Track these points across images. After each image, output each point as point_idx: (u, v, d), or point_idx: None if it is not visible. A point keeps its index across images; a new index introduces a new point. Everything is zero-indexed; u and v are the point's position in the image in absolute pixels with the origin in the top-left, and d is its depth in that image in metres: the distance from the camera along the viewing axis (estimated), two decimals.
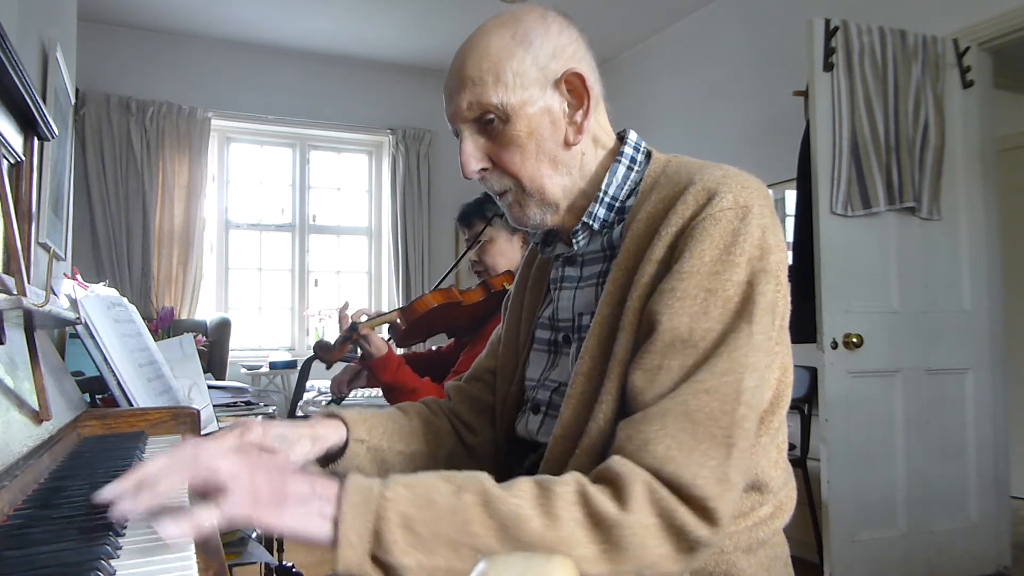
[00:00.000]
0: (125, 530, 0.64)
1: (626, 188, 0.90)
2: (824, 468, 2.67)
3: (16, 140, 1.21)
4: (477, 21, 0.91)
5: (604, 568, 0.65)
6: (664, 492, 0.68)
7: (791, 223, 3.02)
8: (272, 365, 4.68)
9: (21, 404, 0.82)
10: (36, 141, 1.30)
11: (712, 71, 4.25)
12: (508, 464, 1.01)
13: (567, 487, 0.68)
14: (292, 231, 5.36)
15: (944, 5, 2.98)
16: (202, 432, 1.17)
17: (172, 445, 0.62)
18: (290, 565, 1.82)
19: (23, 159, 1.24)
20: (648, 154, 0.93)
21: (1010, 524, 2.96)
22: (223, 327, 4.25)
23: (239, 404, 1.94)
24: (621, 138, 0.94)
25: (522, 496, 0.67)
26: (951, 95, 2.89)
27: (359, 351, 1.92)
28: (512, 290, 1.13)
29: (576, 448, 0.81)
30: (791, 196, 3.32)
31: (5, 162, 1.15)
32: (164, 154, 4.67)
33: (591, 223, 0.90)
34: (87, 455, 0.95)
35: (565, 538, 0.65)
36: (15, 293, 0.87)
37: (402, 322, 2.00)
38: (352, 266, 5.57)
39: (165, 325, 3.90)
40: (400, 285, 5.33)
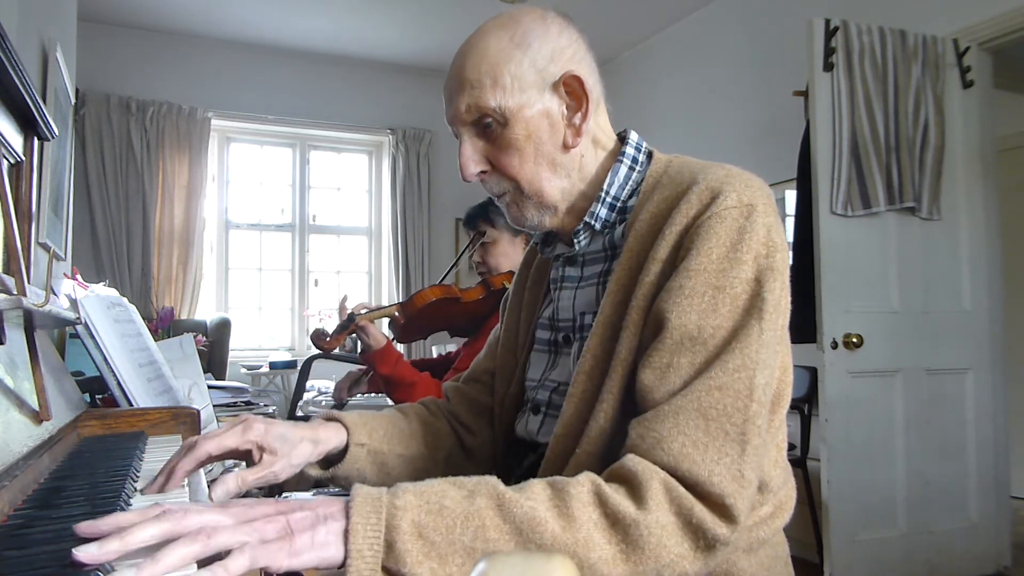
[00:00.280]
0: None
1: (628, 188, 0.90)
2: (824, 468, 2.67)
3: (16, 140, 1.21)
4: (477, 21, 0.91)
5: (622, 569, 0.64)
6: (681, 490, 0.67)
7: (791, 223, 3.02)
8: (272, 365, 4.69)
9: (21, 404, 0.82)
10: (36, 141, 1.30)
11: (712, 71, 4.25)
12: (507, 465, 1.01)
13: (582, 487, 0.67)
14: (292, 231, 5.36)
15: (944, 5, 2.98)
16: (202, 431, 1.16)
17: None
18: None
19: (23, 159, 1.24)
20: (650, 154, 0.93)
21: (1010, 524, 2.96)
22: (223, 327, 4.26)
23: (239, 404, 1.95)
24: (622, 138, 0.94)
25: (536, 498, 0.65)
26: (951, 95, 2.89)
27: (359, 347, 1.94)
28: (511, 290, 1.13)
29: (577, 447, 0.81)
30: (791, 196, 3.32)
31: (5, 162, 1.15)
32: (164, 154, 4.67)
33: (593, 223, 0.90)
34: (87, 455, 0.95)
35: (582, 539, 0.64)
36: (15, 293, 0.87)
37: (400, 316, 2.01)
38: (352, 266, 5.57)
39: (165, 325, 3.91)
40: (400, 285, 5.32)
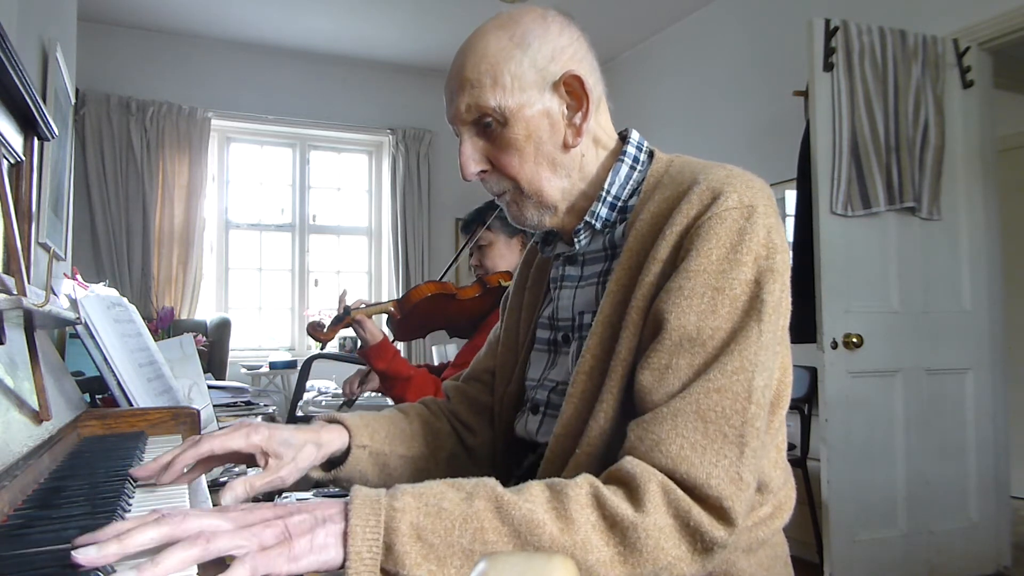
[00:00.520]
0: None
1: (628, 188, 0.90)
2: (824, 468, 2.67)
3: (16, 140, 1.21)
4: (477, 21, 0.90)
5: (620, 571, 0.64)
6: (679, 492, 0.67)
7: (791, 223, 3.03)
8: (272, 365, 4.68)
9: (21, 404, 0.82)
10: (36, 141, 1.30)
11: (712, 71, 4.24)
12: (506, 465, 1.01)
13: (580, 490, 0.67)
14: (292, 231, 5.36)
15: (944, 5, 2.98)
16: (202, 431, 1.16)
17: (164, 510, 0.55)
18: None
19: (23, 159, 1.24)
20: (651, 154, 0.93)
21: (1010, 524, 2.96)
22: (223, 327, 4.26)
23: (239, 404, 1.95)
24: (623, 138, 0.94)
25: (534, 500, 0.65)
26: (951, 95, 2.89)
27: (359, 345, 1.97)
28: (511, 290, 1.13)
29: (576, 448, 0.81)
30: (791, 196, 3.32)
31: (5, 162, 1.15)
32: (164, 154, 4.67)
33: (593, 223, 0.89)
34: (87, 455, 0.95)
35: (580, 542, 0.64)
36: (15, 293, 0.87)
37: (396, 311, 2.01)
38: (352, 266, 5.57)
39: (165, 325, 3.91)
40: (400, 285, 5.32)
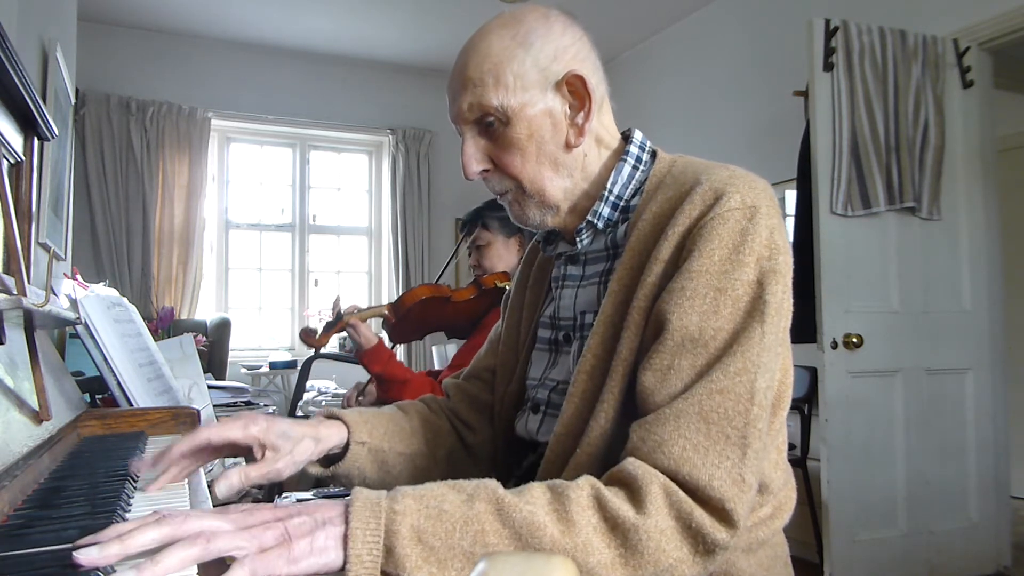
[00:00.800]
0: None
1: (631, 187, 0.90)
2: (824, 468, 2.67)
3: (16, 140, 1.21)
4: (478, 21, 0.90)
5: (621, 573, 0.64)
6: (681, 494, 0.67)
7: (791, 223, 3.02)
8: (272, 365, 4.69)
9: (21, 404, 0.82)
10: (36, 141, 1.30)
11: (712, 71, 4.24)
12: (507, 464, 1.01)
13: (581, 491, 0.67)
14: (292, 231, 5.36)
15: (944, 5, 2.98)
16: None
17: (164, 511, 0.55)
18: None
19: (23, 159, 1.24)
20: (653, 153, 0.92)
21: (1010, 524, 2.96)
22: (223, 327, 4.25)
23: (239, 404, 1.95)
24: (626, 137, 0.94)
25: (535, 502, 0.65)
26: (951, 95, 2.89)
27: (355, 348, 1.95)
28: (512, 289, 1.13)
29: (577, 448, 0.80)
30: (791, 196, 3.32)
31: (5, 162, 1.15)
32: (164, 154, 4.67)
33: (595, 222, 0.89)
34: (87, 455, 0.95)
35: (581, 544, 0.63)
36: (15, 293, 0.87)
37: (391, 314, 2.01)
38: (352, 266, 5.57)
39: (165, 325, 3.91)
40: (400, 285, 5.32)
